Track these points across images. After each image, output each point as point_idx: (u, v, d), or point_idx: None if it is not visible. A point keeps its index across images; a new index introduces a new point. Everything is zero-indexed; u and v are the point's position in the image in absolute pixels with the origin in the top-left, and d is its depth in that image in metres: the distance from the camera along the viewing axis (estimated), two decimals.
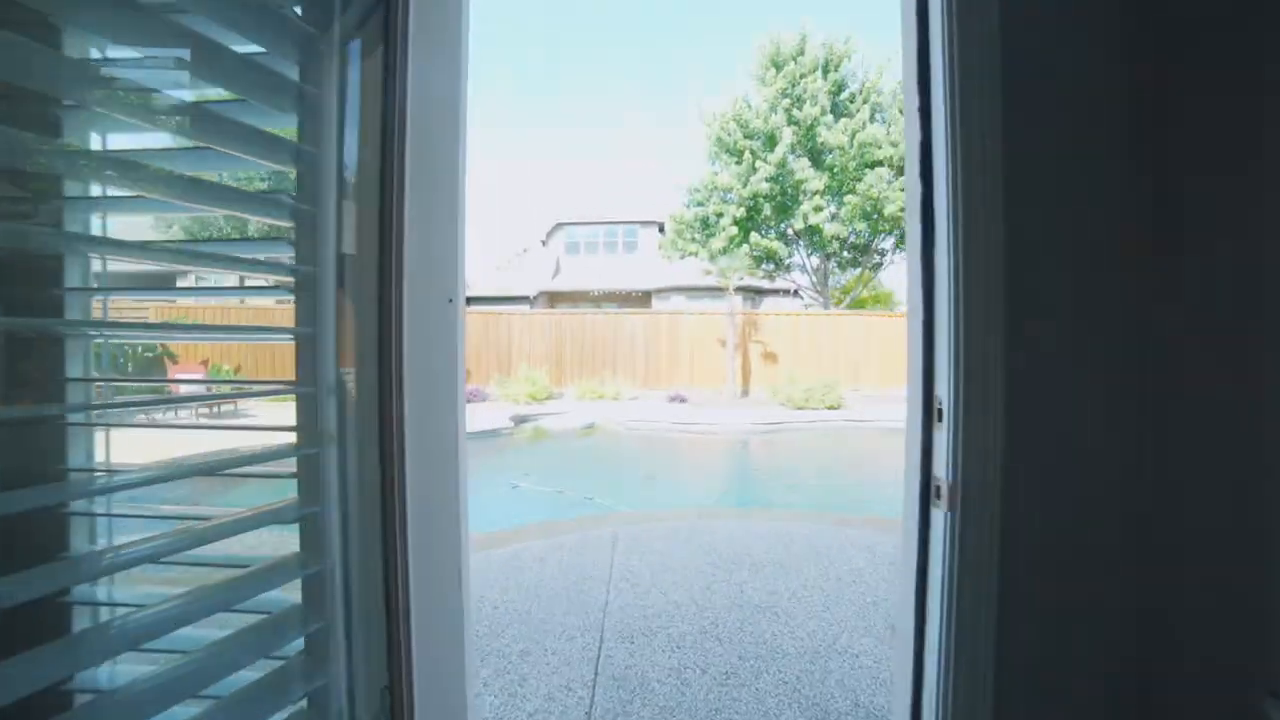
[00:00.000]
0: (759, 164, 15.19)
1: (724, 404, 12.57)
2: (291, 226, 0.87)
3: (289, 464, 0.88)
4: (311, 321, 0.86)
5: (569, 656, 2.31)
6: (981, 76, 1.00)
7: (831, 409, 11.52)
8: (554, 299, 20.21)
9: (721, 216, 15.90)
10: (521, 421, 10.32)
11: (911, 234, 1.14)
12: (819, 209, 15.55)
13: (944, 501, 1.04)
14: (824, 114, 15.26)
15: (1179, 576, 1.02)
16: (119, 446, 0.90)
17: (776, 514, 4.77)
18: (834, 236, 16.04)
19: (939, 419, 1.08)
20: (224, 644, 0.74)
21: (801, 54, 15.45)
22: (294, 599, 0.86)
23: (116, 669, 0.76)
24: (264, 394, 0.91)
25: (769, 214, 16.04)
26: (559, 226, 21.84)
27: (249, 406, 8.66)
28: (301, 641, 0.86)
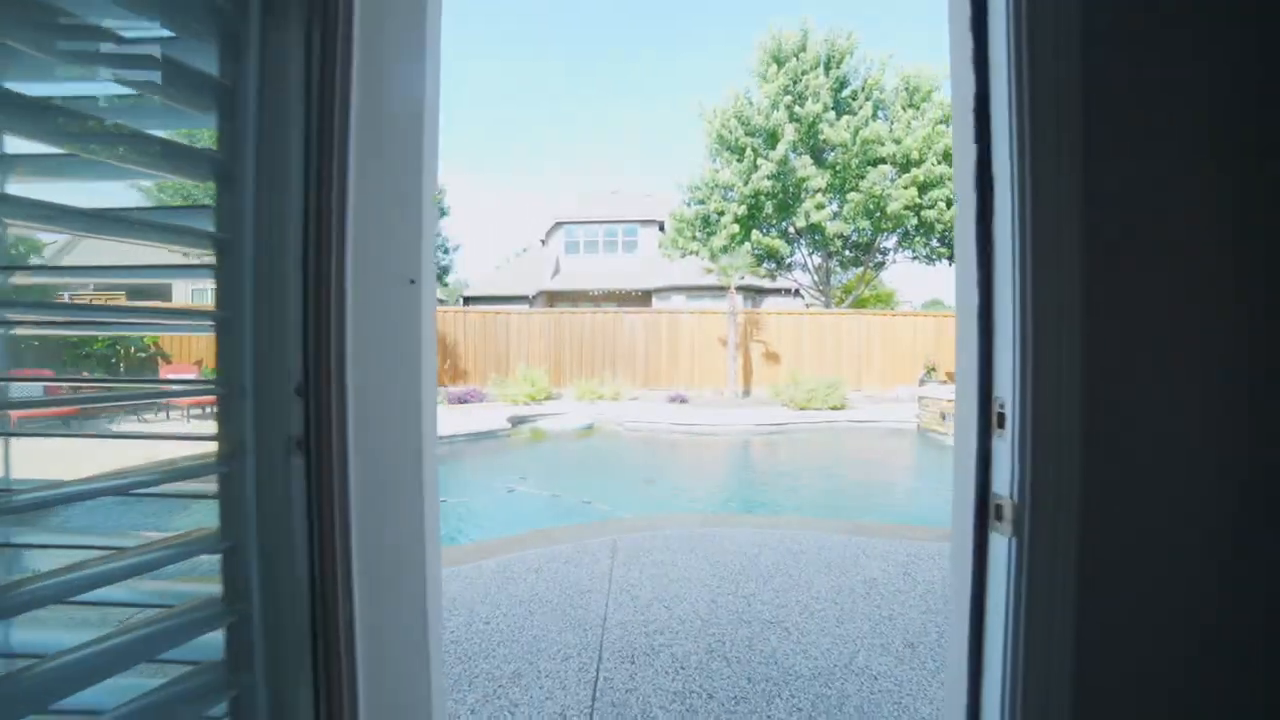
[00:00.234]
0: (760, 161, 15.03)
1: (725, 404, 12.39)
2: (213, 189, 0.70)
3: (212, 481, 0.71)
4: (237, 305, 0.69)
5: (564, 679, 2.13)
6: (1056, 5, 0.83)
7: (835, 409, 11.34)
8: (553, 298, 20.03)
9: (723, 214, 15.74)
10: (519, 423, 10.15)
11: (963, 205, 0.96)
12: (821, 207, 15.39)
13: (1007, 524, 0.87)
14: (826, 111, 15.10)
15: None
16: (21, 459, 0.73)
17: (783, 520, 4.59)
18: (836, 235, 15.88)
19: (999, 425, 0.90)
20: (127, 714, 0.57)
21: (803, 50, 15.30)
22: (214, 655, 0.69)
23: None
24: (174, 395, 0.74)
25: (770, 212, 15.88)
26: (558, 225, 21.66)
27: None
28: (225, 705, 0.69)
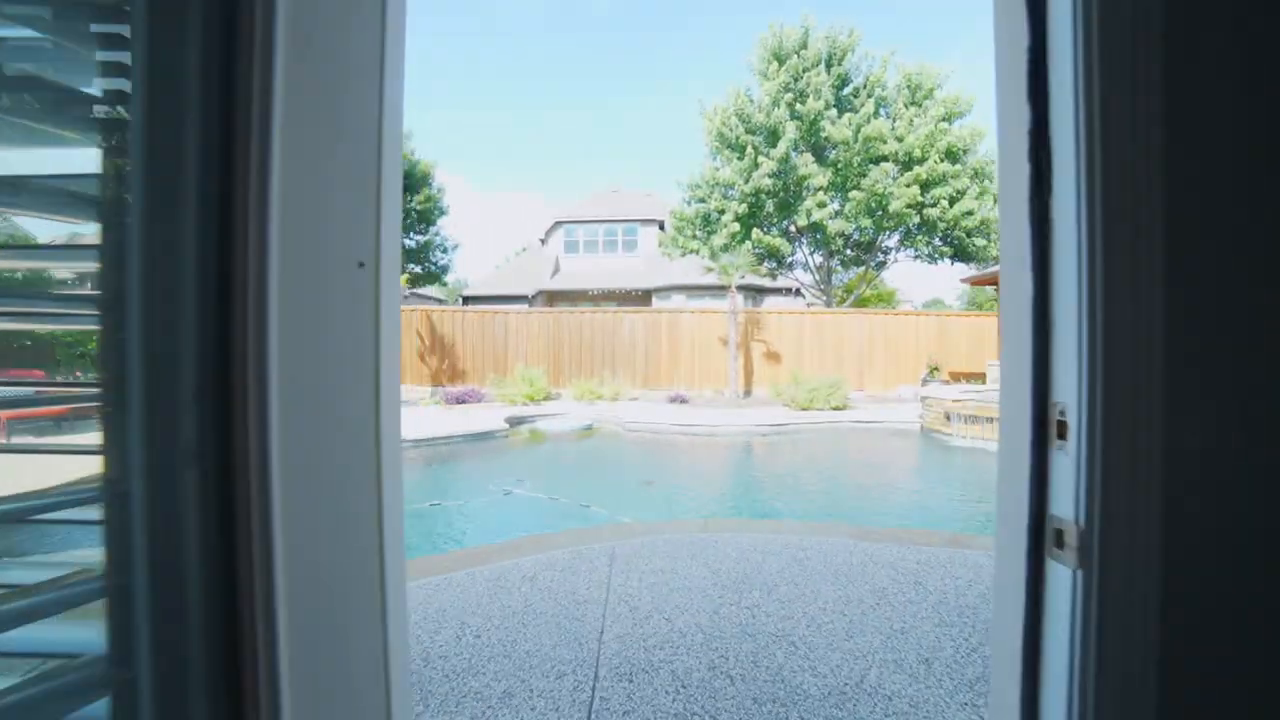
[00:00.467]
0: (761, 159, 14.88)
1: (726, 405, 12.24)
2: (98, 135, 0.56)
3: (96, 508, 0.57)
4: (117, 285, 0.55)
5: (557, 699, 2.00)
6: None
7: (837, 410, 11.20)
8: (553, 298, 19.89)
9: (723, 213, 15.60)
10: (517, 423, 10.01)
11: (1008, 179, 0.82)
12: (822, 205, 15.23)
13: (1071, 552, 0.73)
14: (827, 108, 14.95)
15: None
16: None
17: (786, 525, 4.44)
18: (837, 233, 15.73)
19: (1059, 436, 0.76)
20: None
21: (804, 47, 15.15)
22: None
23: None
24: (53, 401, 0.60)
25: (771, 210, 15.74)
26: (558, 225, 21.52)
27: None
28: None
